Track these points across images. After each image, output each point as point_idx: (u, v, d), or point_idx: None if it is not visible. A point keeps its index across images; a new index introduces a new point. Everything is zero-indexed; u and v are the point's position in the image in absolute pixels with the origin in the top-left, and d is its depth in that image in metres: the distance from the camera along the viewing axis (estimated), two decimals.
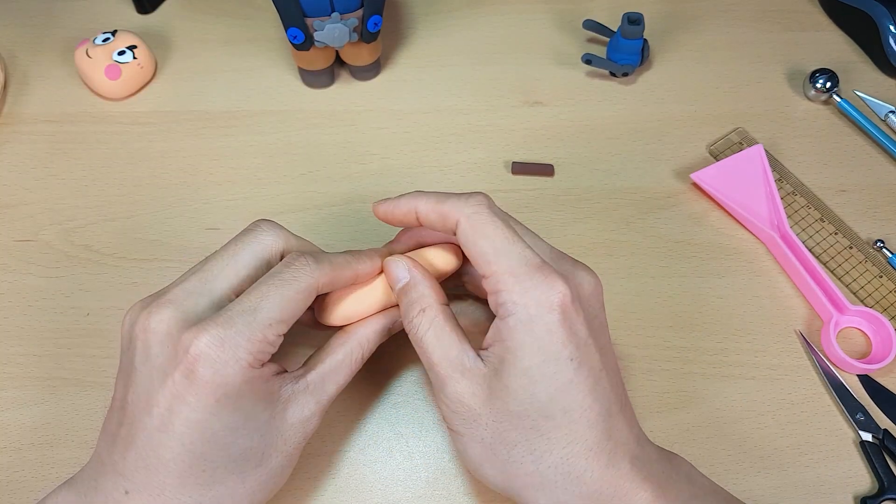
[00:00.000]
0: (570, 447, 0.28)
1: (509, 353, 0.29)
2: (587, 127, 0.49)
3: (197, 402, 0.27)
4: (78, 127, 0.49)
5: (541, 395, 0.28)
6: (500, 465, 0.29)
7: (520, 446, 0.29)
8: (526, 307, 0.28)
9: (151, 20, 0.54)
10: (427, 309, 0.31)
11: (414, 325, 0.31)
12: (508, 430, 0.29)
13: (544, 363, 0.28)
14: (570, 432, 0.28)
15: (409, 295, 0.31)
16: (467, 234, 0.30)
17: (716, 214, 0.46)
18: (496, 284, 0.29)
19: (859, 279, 0.43)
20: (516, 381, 0.28)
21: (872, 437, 0.38)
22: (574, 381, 0.28)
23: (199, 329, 0.27)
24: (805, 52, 0.53)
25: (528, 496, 0.29)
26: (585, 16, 0.53)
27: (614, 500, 0.29)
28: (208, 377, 0.27)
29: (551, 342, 0.28)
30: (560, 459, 0.28)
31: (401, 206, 0.33)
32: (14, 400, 0.39)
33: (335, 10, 0.44)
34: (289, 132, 0.49)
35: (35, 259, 0.43)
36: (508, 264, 0.29)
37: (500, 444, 0.29)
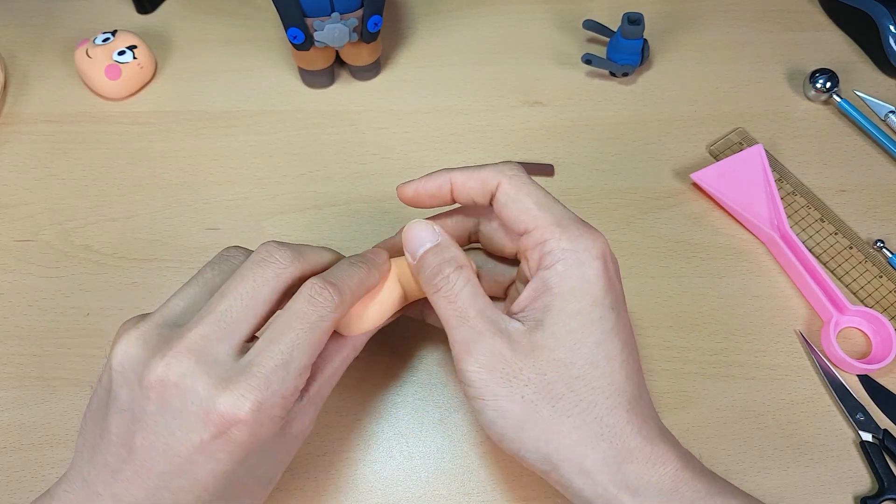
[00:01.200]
0: (613, 398, 0.29)
1: (557, 298, 0.29)
2: (587, 127, 0.49)
3: (227, 459, 0.27)
4: (78, 127, 0.49)
5: (588, 339, 0.29)
6: (544, 424, 0.28)
7: (565, 398, 0.28)
8: (575, 252, 0.29)
9: (151, 20, 0.54)
10: (464, 267, 0.30)
11: (451, 280, 0.30)
12: (554, 381, 0.28)
13: (593, 306, 0.29)
14: (613, 382, 0.29)
15: (443, 254, 0.31)
16: (509, 193, 0.31)
17: (716, 214, 0.46)
18: (542, 235, 0.30)
19: (859, 279, 0.43)
20: (566, 325, 0.29)
21: (872, 437, 0.38)
22: (615, 330, 0.29)
23: (236, 396, 0.26)
24: (805, 52, 0.53)
25: (574, 454, 0.28)
26: (585, 16, 0.53)
27: (651, 459, 0.29)
28: (244, 438, 0.26)
29: (598, 287, 0.29)
30: (605, 410, 0.28)
31: (433, 180, 0.33)
32: (14, 400, 0.39)
33: (335, 10, 0.44)
34: (289, 132, 0.49)
35: (35, 259, 0.43)
36: (554, 216, 0.30)
37: (543, 399, 0.28)
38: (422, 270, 0.31)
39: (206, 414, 0.26)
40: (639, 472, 0.28)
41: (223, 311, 0.28)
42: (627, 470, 0.28)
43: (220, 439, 0.26)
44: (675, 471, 0.29)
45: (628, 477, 0.28)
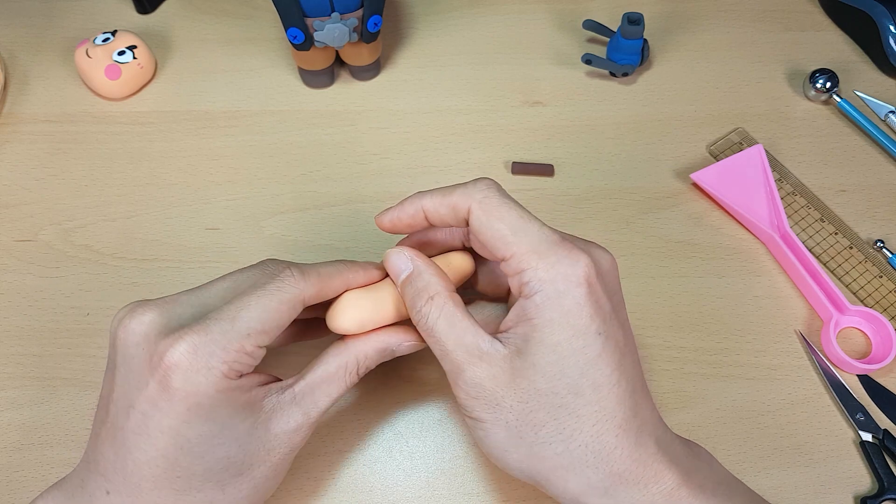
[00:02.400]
0: (599, 424, 0.28)
1: (536, 330, 0.28)
2: (587, 127, 0.49)
3: (170, 410, 0.27)
4: (78, 127, 0.49)
5: (570, 370, 0.28)
6: (527, 449, 0.28)
7: (548, 426, 0.28)
8: (553, 282, 0.28)
9: (151, 20, 0.54)
10: (435, 296, 0.30)
11: (423, 314, 0.30)
12: (535, 410, 0.28)
13: (574, 337, 0.28)
14: (601, 409, 0.28)
15: (415, 284, 0.30)
16: (481, 219, 0.29)
17: (716, 214, 0.46)
18: (519, 264, 0.28)
19: (859, 279, 0.43)
20: (545, 357, 0.28)
21: (872, 437, 0.38)
22: (602, 356, 0.28)
23: (174, 337, 0.27)
24: (805, 52, 0.53)
25: (557, 479, 0.28)
26: (585, 16, 0.53)
27: (642, 480, 0.28)
28: (179, 386, 0.27)
29: (580, 316, 0.28)
30: (590, 438, 0.28)
31: (406, 209, 0.32)
32: (14, 400, 0.39)
33: (335, 10, 0.44)
34: (289, 132, 0.49)
35: (35, 259, 0.43)
36: (529, 242, 0.29)
37: (526, 426, 0.28)
38: (407, 304, 0.31)
39: (150, 358, 0.27)
40: (629, 494, 0.28)
41: (203, 288, 0.30)
42: (617, 493, 0.28)
43: (162, 388, 0.27)
44: (670, 489, 0.28)
45: (618, 498, 0.28)
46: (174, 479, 0.28)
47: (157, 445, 0.27)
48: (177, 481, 0.28)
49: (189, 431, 0.27)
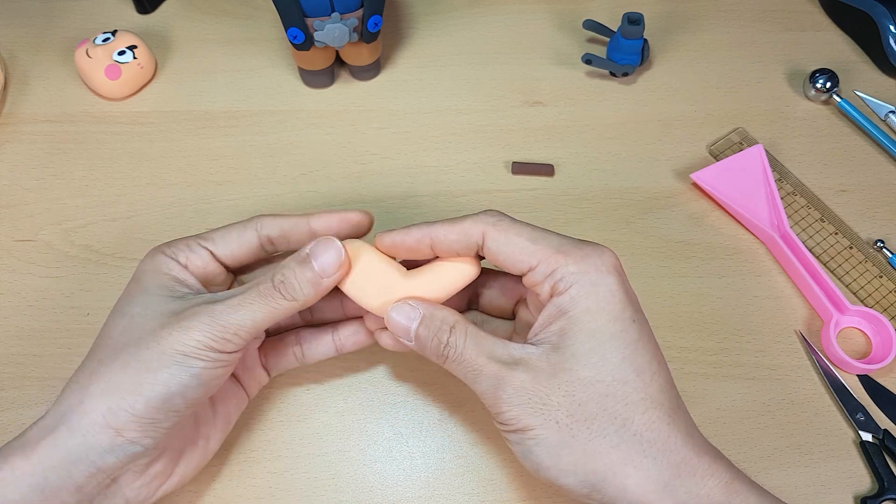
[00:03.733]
0: (650, 412, 0.28)
1: (573, 321, 0.28)
2: (587, 127, 0.49)
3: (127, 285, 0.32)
4: (78, 127, 0.49)
5: (612, 355, 0.28)
6: (581, 447, 0.28)
7: (599, 418, 0.28)
8: (586, 273, 0.29)
9: (151, 20, 0.54)
10: (455, 325, 0.30)
11: (451, 345, 0.30)
12: (584, 402, 0.28)
13: (611, 322, 0.28)
14: (647, 396, 0.28)
15: (431, 326, 0.30)
16: (498, 238, 0.30)
17: (716, 214, 0.46)
18: (547, 266, 0.29)
19: (859, 279, 0.43)
20: (585, 344, 0.28)
21: (872, 437, 0.38)
22: (640, 342, 0.28)
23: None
24: (805, 52, 0.53)
25: (615, 476, 0.27)
26: (585, 16, 0.53)
27: (699, 472, 0.28)
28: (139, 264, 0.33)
29: (615, 303, 0.28)
30: (643, 426, 0.28)
31: (412, 234, 0.32)
32: (14, 400, 0.39)
33: (335, 10, 0.44)
34: (289, 132, 0.49)
35: (35, 259, 0.43)
36: (551, 245, 0.30)
37: (578, 422, 0.28)
38: (423, 349, 0.31)
39: None
40: (688, 487, 0.27)
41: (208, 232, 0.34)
42: (676, 486, 0.27)
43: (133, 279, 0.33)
44: (725, 483, 0.28)
45: (677, 493, 0.27)
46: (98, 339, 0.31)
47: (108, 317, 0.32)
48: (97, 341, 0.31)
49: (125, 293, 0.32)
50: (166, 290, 0.31)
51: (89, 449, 0.28)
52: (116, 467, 0.29)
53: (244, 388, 0.36)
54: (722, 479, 0.28)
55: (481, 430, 0.38)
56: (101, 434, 0.28)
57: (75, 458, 0.28)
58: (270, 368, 0.37)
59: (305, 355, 0.37)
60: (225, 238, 0.33)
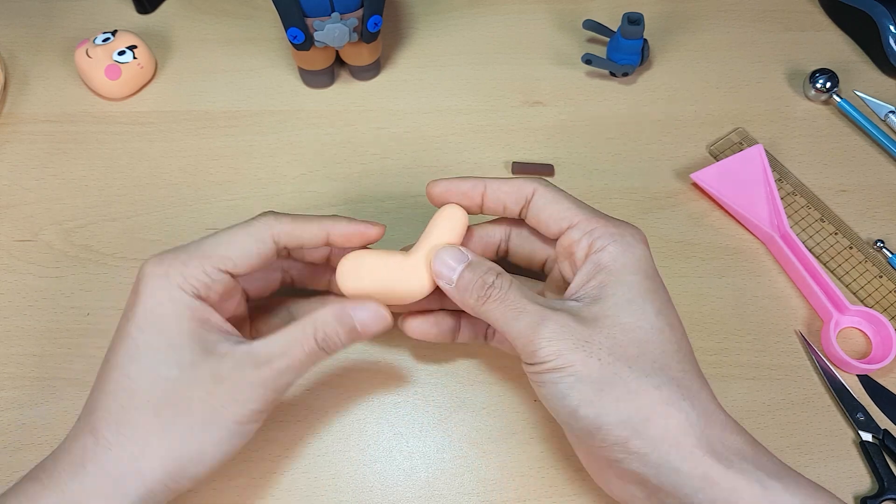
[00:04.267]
0: (683, 363, 0.29)
1: (613, 274, 0.30)
2: (587, 127, 0.49)
3: (131, 315, 0.30)
4: (78, 127, 0.49)
5: (649, 307, 0.30)
6: (624, 385, 0.28)
7: (641, 359, 0.28)
8: (623, 236, 0.31)
9: (151, 20, 0.54)
10: (501, 274, 0.31)
11: (496, 285, 0.31)
12: (625, 344, 0.29)
13: (647, 279, 0.30)
14: (679, 349, 0.29)
15: (479, 268, 0.31)
16: (547, 196, 0.33)
17: (716, 214, 0.46)
18: (589, 224, 0.32)
19: (859, 279, 0.43)
20: (625, 294, 0.30)
21: (872, 437, 0.38)
22: (669, 304, 0.31)
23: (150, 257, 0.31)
24: (805, 52, 0.53)
25: (657, 417, 0.27)
26: (585, 16, 0.53)
27: (727, 427, 0.28)
28: (143, 290, 0.30)
29: (648, 265, 0.31)
30: (680, 373, 0.29)
31: (467, 181, 0.34)
32: (14, 400, 0.39)
33: (335, 10, 0.44)
34: (289, 132, 0.49)
35: (35, 259, 0.43)
36: (594, 213, 0.33)
37: (620, 360, 0.28)
38: (464, 291, 0.31)
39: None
40: (720, 436, 0.28)
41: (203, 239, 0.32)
42: (710, 434, 0.28)
43: (132, 295, 0.31)
44: (751, 442, 0.29)
45: (712, 441, 0.28)
46: (120, 389, 0.29)
47: (115, 353, 0.30)
48: (121, 392, 0.29)
49: (140, 338, 0.29)
50: (196, 342, 0.30)
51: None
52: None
53: None
54: (746, 437, 0.29)
55: (481, 431, 0.38)
56: (159, 495, 0.29)
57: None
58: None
59: None
60: (243, 255, 0.32)
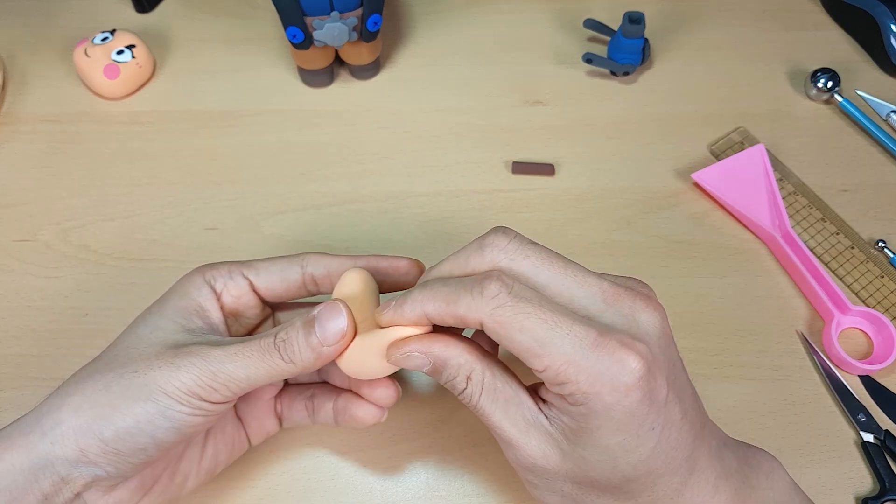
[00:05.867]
0: (656, 494, 0.27)
1: (584, 432, 0.26)
2: (587, 127, 0.49)
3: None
4: (77, 126, 0.49)
5: (624, 467, 0.26)
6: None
7: (604, 499, 0.28)
8: (599, 396, 0.25)
9: (150, 19, 0.54)
10: (472, 375, 0.27)
11: (466, 395, 0.28)
12: (589, 491, 0.27)
13: (625, 440, 0.26)
14: (658, 486, 0.27)
15: (446, 371, 0.28)
16: (498, 333, 0.25)
17: (717, 214, 0.46)
18: (556, 377, 0.25)
19: (861, 279, 0.43)
20: (595, 456, 0.26)
21: (874, 437, 0.38)
22: (657, 446, 0.26)
23: None
24: (806, 52, 0.53)
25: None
26: (586, 15, 0.53)
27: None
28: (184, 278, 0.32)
29: (631, 423, 0.25)
30: (658, 479, 0.27)
31: (405, 313, 0.27)
32: (12, 400, 0.39)
33: (335, 9, 0.44)
34: (288, 132, 0.49)
35: (33, 259, 0.43)
36: (561, 353, 0.25)
37: (583, 496, 0.28)
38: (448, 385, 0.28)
39: None
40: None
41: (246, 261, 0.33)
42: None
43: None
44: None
45: None
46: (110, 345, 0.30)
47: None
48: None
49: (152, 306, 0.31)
50: (182, 318, 0.30)
51: (56, 458, 0.27)
52: (80, 483, 0.28)
53: (247, 434, 0.34)
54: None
55: (481, 431, 0.38)
56: (68, 448, 0.27)
57: (43, 463, 0.27)
58: (284, 419, 0.35)
59: (316, 414, 0.34)
60: (269, 270, 0.32)
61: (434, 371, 0.28)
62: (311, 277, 0.32)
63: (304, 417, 0.35)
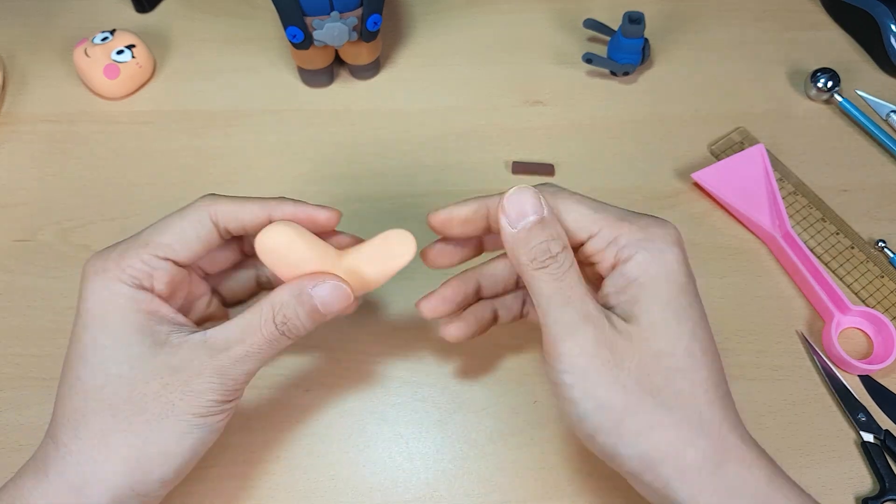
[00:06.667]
0: (710, 392, 0.28)
1: (644, 288, 0.28)
2: (587, 127, 0.49)
3: (78, 312, 0.29)
4: (77, 126, 0.49)
5: (684, 330, 0.28)
6: (645, 417, 0.27)
7: (665, 390, 0.27)
8: (651, 240, 0.28)
9: (150, 19, 0.54)
10: (567, 248, 0.29)
11: (559, 260, 0.28)
12: (653, 373, 0.27)
13: (681, 294, 0.28)
14: (709, 375, 0.28)
15: (549, 230, 0.28)
16: (559, 207, 0.30)
17: (717, 214, 0.46)
18: (612, 232, 0.29)
19: (861, 279, 0.43)
20: (660, 315, 0.28)
21: (874, 437, 0.38)
22: (703, 320, 0.29)
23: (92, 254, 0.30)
24: (806, 52, 0.53)
25: (674, 452, 0.27)
26: (586, 15, 0.53)
27: (747, 460, 0.27)
28: (86, 286, 0.29)
29: (681, 274, 0.28)
30: (705, 405, 0.27)
31: (468, 205, 0.32)
32: (13, 400, 0.39)
33: (335, 9, 0.44)
34: (288, 132, 0.49)
35: (33, 259, 0.43)
36: (615, 214, 0.29)
37: (644, 390, 0.27)
38: (523, 244, 0.29)
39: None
40: (737, 472, 0.27)
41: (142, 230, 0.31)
42: (727, 470, 0.27)
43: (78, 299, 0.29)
44: (768, 476, 0.28)
45: (728, 478, 0.27)
46: (74, 394, 0.29)
47: (67, 357, 0.29)
48: (76, 397, 0.29)
49: (86, 336, 0.29)
50: (145, 335, 0.29)
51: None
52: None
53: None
54: (765, 471, 0.28)
55: (481, 431, 0.38)
56: (130, 501, 0.28)
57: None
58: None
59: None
60: (183, 240, 0.30)
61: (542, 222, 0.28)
62: (226, 230, 0.31)
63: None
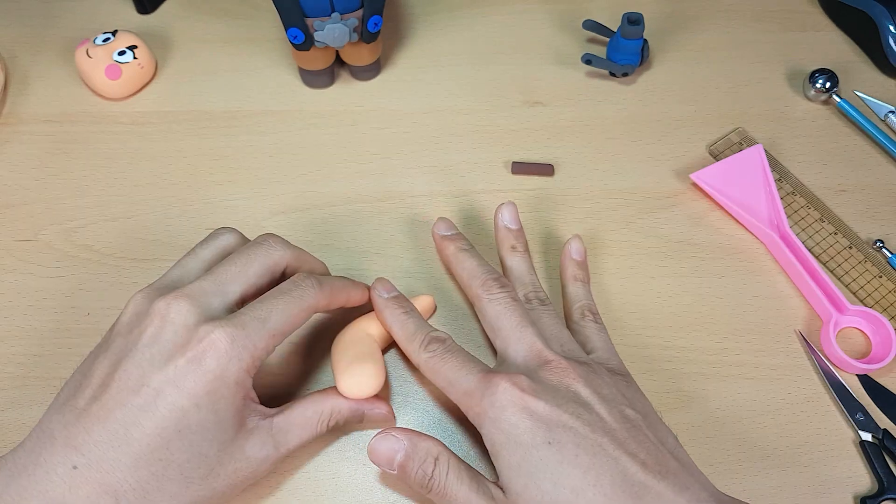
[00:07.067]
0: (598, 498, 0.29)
1: (498, 459, 0.31)
2: (587, 127, 0.49)
3: (190, 389, 0.29)
4: (78, 127, 0.49)
5: (545, 484, 0.29)
6: None
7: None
8: (486, 413, 0.31)
9: (152, 20, 0.54)
10: (440, 456, 0.32)
11: (435, 478, 0.32)
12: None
13: (529, 452, 0.30)
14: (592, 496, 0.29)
15: (416, 456, 0.32)
16: (427, 374, 0.35)
17: (715, 214, 0.46)
18: (462, 407, 0.33)
19: (859, 279, 0.44)
20: (518, 481, 0.30)
21: (872, 436, 0.38)
22: (563, 463, 0.29)
23: (216, 324, 0.30)
24: (805, 52, 0.53)
25: None
26: (585, 16, 0.53)
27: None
28: (212, 367, 0.29)
29: (521, 433, 0.30)
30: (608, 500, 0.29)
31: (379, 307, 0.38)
32: (14, 400, 0.39)
33: (335, 10, 0.44)
34: (289, 132, 0.49)
35: (35, 259, 0.43)
36: (462, 389, 0.33)
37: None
38: (406, 479, 0.33)
39: (187, 340, 0.30)
40: None
41: (219, 273, 0.32)
42: None
43: (192, 364, 0.29)
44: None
45: None
46: (156, 461, 0.29)
47: (159, 424, 0.29)
48: (157, 464, 0.29)
49: (194, 416, 0.29)
50: (237, 419, 0.31)
51: None
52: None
53: None
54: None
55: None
56: None
57: None
58: None
59: None
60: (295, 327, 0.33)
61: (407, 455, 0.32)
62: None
63: None
